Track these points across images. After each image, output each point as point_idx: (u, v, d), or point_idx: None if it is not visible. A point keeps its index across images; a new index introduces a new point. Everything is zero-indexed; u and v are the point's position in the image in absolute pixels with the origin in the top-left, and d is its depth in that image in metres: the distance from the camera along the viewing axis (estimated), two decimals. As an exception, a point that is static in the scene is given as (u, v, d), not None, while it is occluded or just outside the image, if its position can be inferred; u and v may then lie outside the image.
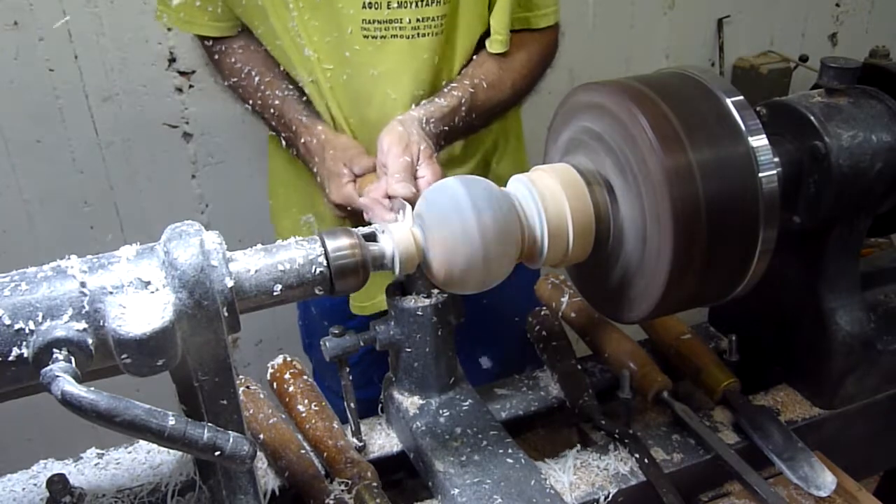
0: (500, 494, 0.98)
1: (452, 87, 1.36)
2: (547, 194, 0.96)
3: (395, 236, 0.92)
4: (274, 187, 1.69)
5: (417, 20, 1.34)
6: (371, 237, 0.93)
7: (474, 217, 0.90)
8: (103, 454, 1.06)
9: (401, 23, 1.34)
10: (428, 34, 1.36)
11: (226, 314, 0.77)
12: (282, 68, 1.45)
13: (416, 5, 1.33)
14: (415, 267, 0.94)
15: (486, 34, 1.43)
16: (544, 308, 1.32)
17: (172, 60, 2.09)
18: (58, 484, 0.93)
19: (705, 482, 1.11)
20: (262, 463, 1.06)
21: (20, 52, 1.94)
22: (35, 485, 1.01)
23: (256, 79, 1.43)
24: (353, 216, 1.28)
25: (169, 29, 2.06)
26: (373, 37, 1.35)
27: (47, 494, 0.94)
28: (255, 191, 2.27)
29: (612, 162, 0.97)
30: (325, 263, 0.86)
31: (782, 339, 1.22)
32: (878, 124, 1.06)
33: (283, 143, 1.44)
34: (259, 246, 0.86)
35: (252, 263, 0.83)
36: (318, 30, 1.35)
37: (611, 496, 1.03)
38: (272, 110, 1.42)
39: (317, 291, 0.87)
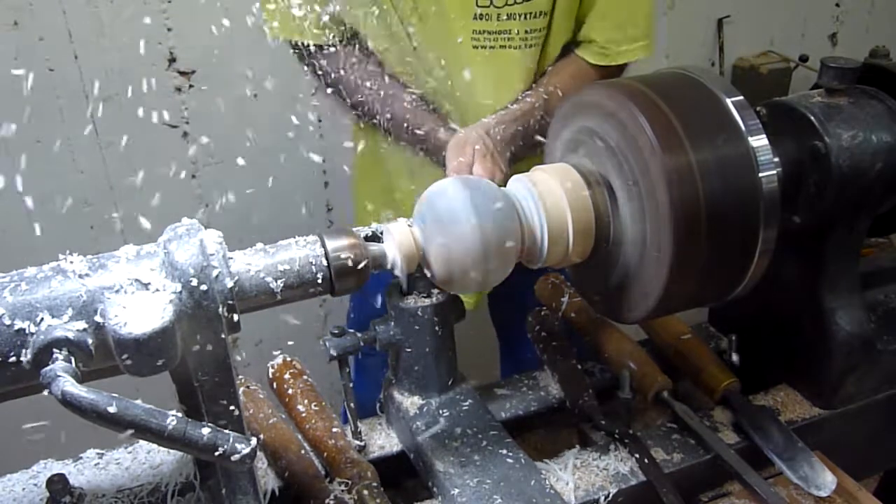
0: (500, 494, 0.97)
1: (527, 94, 1.41)
2: (547, 194, 0.97)
3: (395, 236, 0.92)
4: (358, 179, 1.71)
5: (526, 31, 1.38)
6: (371, 237, 0.93)
7: (474, 217, 0.90)
8: (103, 454, 1.06)
9: (510, 34, 1.37)
10: (534, 45, 1.40)
11: (226, 314, 0.77)
12: (396, 77, 1.46)
13: (525, 17, 1.36)
14: (415, 267, 0.95)
15: (567, 46, 1.47)
16: (544, 308, 1.32)
17: (172, 60, 2.09)
18: (58, 484, 0.93)
19: (705, 482, 1.11)
20: (262, 463, 1.06)
21: (20, 52, 1.94)
22: (35, 485, 1.01)
23: (381, 93, 1.43)
24: None
25: (169, 29, 2.06)
26: (482, 47, 1.38)
27: (47, 494, 0.93)
28: (255, 191, 2.27)
29: (612, 162, 0.97)
30: (325, 263, 0.86)
31: (782, 339, 1.22)
32: (878, 124, 1.06)
33: (422, 154, 1.46)
34: (259, 246, 0.86)
35: (252, 263, 0.83)
36: (430, 38, 1.38)
37: (611, 496, 1.03)
38: (405, 125, 1.43)
39: (317, 291, 0.87)
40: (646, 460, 1.06)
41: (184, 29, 2.06)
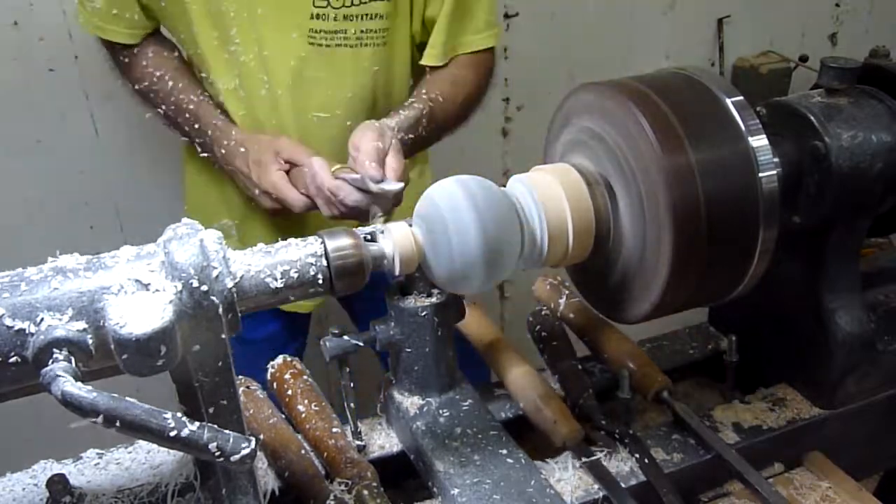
0: (500, 494, 0.97)
1: (413, 101, 1.43)
2: (547, 194, 0.97)
3: (395, 236, 0.92)
4: (189, 192, 1.71)
5: (361, 31, 1.42)
6: (371, 237, 0.93)
7: (474, 217, 0.90)
8: (103, 454, 1.05)
9: (346, 33, 1.41)
10: (370, 44, 1.44)
11: (226, 314, 0.77)
12: (196, 74, 1.49)
13: (361, 19, 1.40)
14: (415, 267, 0.95)
15: (422, 48, 1.52)
16: (544, 308, 1.32)
17: (172, 60, 2.08)
18: (58, 484, 0.93)
19: (705, 482, 1.11)
20: (262, 463, 1.06)
21: (20, 52, 1.94)
22: (35, 485, 1.01)
23: (170, 84, 1.45)
24: (282, 206, 1.33)
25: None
26: (318, 45, 1.41)
27: (47, 494, 0.93)
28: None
29: (612, 162, 0.97)
30: (325, 263, 0.86)
31: (782, 339, 1.22)
32: (878, 124, 1.06)
33: (199, 148, 1.47)
34: (259, 246, 0.86)
35: (252, 263, 0.83)
36: (258, 41, 1.40)
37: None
38: (186, 115, 1.45)
39: (317, 291, 0.87)
40: (646, 460, 1.06)
41: (184, 29, 2.06)
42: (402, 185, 1.16)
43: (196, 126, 1.45)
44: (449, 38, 1.49)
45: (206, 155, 1.47)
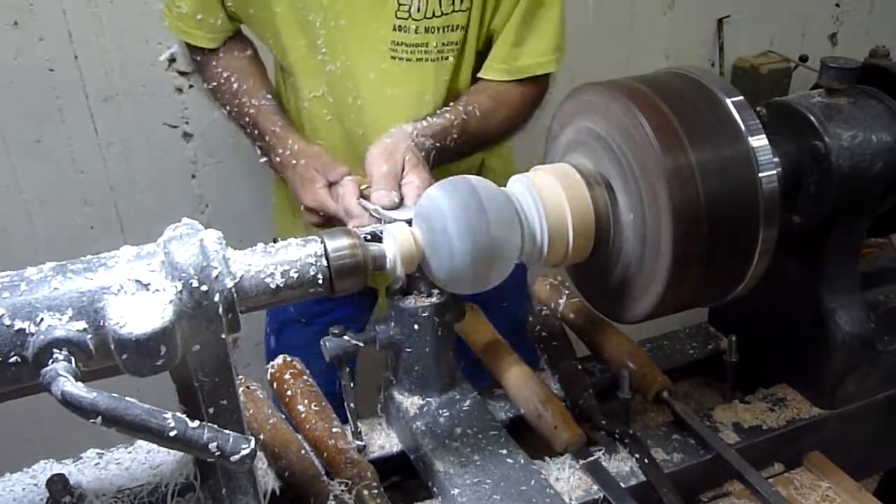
0: (500, 494, 0.97)
1: (446, 110, 1.39)
2: (547, 194, 0.97)
3: (395, 236, 0.92)
4: (275, 187, 1.72)
5: (442, 44, 1.39)
6: (371, 237, 0.93)
7: (475, 217, 0.90)
8: (103, 454, 1.05)
9: (427, 46, 1.38)
10: (449, 57, 1.41)
11: (226, 314, 0.77)
12: (263, 77, 1.49)
13: (442, 31, 1.37)
14: (415, 267, 0.95)
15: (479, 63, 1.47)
16: (545, 308, 1.32)
17: (172, 60, 2.09)
18: (58, 484, 0.93)
19: (705, 482, 1.11)
20: (262, 463, 1.06)
21: (20, 52, 1.94)
22: (35, 485, 1.01)
23: (235, 85, 1.45)
24: (327, 222, 1.31)
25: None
26: (399, 58, 1.39)
27: (47, 494, 0.93)
28: (255, 191, 2.27)
29: (612, 162, 0.97)
30: (325, 263, 0.86)
31: (782, 339, 1.22)
32: (878, 124, 1.06)
33: (258, 151, 1.47)
34: (259, 246, 0.86)
35: (252, 263, 0.83)
36: (345, 51, 1.38)
37: (611, 496, 1.03)
38: (247, 118, 1.44)
39: (317, 291, 0.87)
40: (646, 460, 1.06)
41: (184, 29, 2.06)
42: (410, 215, 1.10)
43: (255, 131, 1.44)
44: (509, 58, 1.43)
45: (264, 160, 1.46)
